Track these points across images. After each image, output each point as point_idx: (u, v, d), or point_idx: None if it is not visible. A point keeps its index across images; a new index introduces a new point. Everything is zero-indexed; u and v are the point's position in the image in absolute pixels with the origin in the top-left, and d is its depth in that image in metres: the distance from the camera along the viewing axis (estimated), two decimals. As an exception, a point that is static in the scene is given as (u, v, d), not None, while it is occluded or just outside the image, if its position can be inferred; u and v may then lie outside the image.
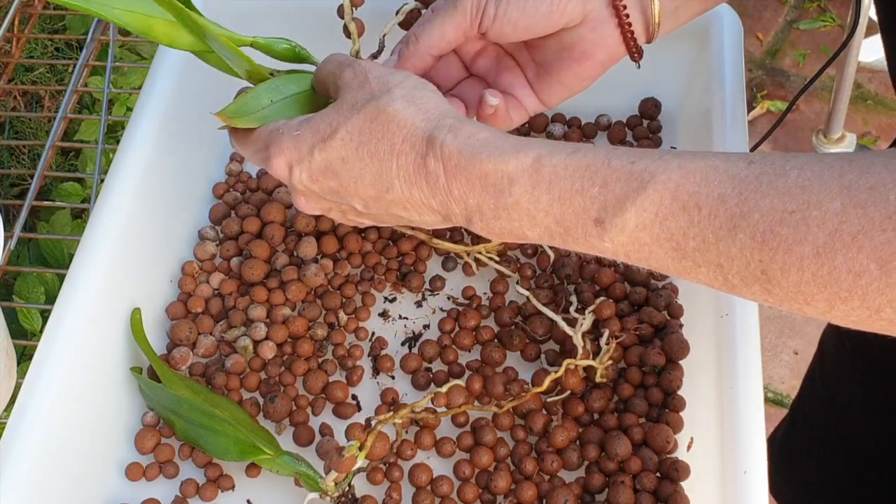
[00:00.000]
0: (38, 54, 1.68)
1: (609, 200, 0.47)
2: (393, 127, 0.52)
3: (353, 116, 0.53)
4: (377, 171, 0.53)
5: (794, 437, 0.99)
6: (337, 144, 0.53)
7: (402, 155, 0.52)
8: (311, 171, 0.55)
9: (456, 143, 0.50)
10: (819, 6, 2.08)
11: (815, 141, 1.79)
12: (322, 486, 0.65)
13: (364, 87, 0.54)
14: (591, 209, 0.47)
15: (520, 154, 0.49)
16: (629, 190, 0.46)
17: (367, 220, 0.58)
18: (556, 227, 0.49)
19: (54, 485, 0.64)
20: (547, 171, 0.49)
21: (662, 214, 0.46)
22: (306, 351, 0.74)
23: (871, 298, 0.41)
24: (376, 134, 0.52)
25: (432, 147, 0.51)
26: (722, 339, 0.65)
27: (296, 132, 0.55)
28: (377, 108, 0.53)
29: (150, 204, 0.75)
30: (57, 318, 0.67)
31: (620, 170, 0.47)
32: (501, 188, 0.49)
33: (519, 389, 0.69)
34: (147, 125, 0.76)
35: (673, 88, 0.84)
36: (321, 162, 0.54)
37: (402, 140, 0.52)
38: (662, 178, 0.46)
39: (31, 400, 0.64)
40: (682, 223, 0.45)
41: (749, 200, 0.44)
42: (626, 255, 0.48)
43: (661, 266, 0.47)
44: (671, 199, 0.45)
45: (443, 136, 0.51)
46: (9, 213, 1.35)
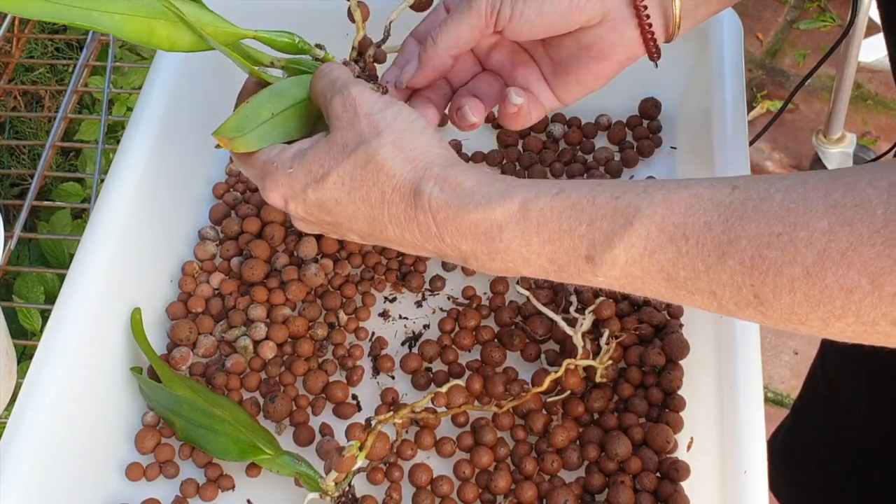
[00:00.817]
0: (38, 54, 1.68)
1: (597, 238, 0.48)
2: (382, 176, 0.53)
3: (344, 161, 0.54)
4: (370, 214, 0.54)
5: (795, 437, 0.99)
6: (329, 186, 0.54)
7: (392, 204, 0.53)
8: (306, 206, 0.56)
9: (443, 197, 0.51)
10: (819, 6, 2.08)
11: (815, 141, 1.79)
12: (322, 486, 0.65)
13: (354, 124, 0.55)
14: (580, 247, 0.48)
15: (506, 200, 0.50)
16: (616, 226, 0.47)
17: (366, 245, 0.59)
18: (549, 265, 0.50)
19: (54, 485, 0.64)
20: (534, 214, 0.49)
21: (651, 248, 0.46)
22: (306, 351, 0.74)
23: (865, 313, 0.41)
24: (367, 181, 0.53)
25: (420, 200, 0.52)
26: (722, 339, 0.65)
27: (289, 170, 0.56)
28: (367, 155, 0.53)
29: (150, 204, 0.75)
30: (57, 318, 0.67)
31: (605, 206, 0.48)
32: (492, 235, 0.50)
33: (519, 389, 0.69)
34: (147, 125, 0.76)
35: (673, 88, 0.84)
36: (315, 201, 0.55)
37: (391, 190, 0.53)
38: (648, 211, 0.46)
39: (31, 400, 0.64)
40: (671, 255, 0.46)
41: (735, 227, 0.44)
42: (622, 287, 0.49)
43: (656, 295, 0.48)
44: (658, 232, 0.46)
45: (429, 189, 0.52)
46: (9, 213, 1.35)
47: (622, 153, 0.83)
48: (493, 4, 0.58)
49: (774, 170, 1.87)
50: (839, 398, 0.89)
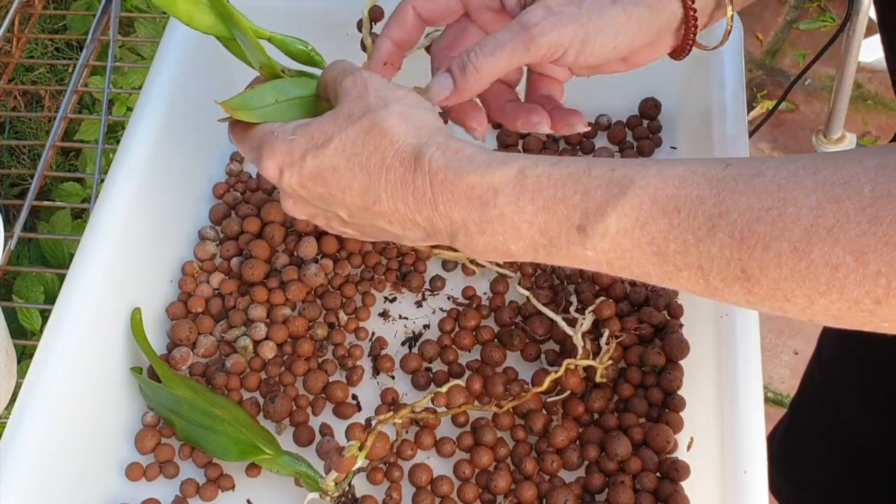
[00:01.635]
0: (38, 54, 1.68)
1: (591, 207, 0.48)
2: (385, 141, 0.53)
3: (349, 127, 0.54)
4: (366, 182, 0.53)
5: (793, 436, 0.99)
6: (329, 153, 0.54)
7: (391, 169, 0.53)
8: (302, 176, 0.55)
9: (444, 159, 0.51)
10: (819, 6, 2.08)
11: (815, 141, 1.79)
12: (322, 486, 0.65)
13: (363, 98, 0.55)
14: (573, 216, 0.48)
15: (504, 166, 0.50)
16: (610, 196, 0.47)
17: (351, 231, 0.58)
18: (540, 237, 0.50)
19: (54, 485, 0.64)
20: (530, 181, 0.49)
21: (643, 218, 0.47)
22: (306, 351, 0.74)
23: (849, 290, 0.42)
24: (369, 147, 0.53)
25: (420, 162, 0.52)
26: (722, 339, 0.65)
27: (290, 136, 0.56)
28: (372, 121, 0.53)
29: (150, 204, 0.75)
30: (57, 318, 0.67)
31: (601, 177, 0.48)
32: (486, 200, 0.50)
33: (519, 389, 0.69)
34: (147, 125, 0.76)
35: (673, 88, 0.84)
36: (312, 168, 0.55)
37: (392, 154, 0.52)
38: (641, 183, 0.47)
39: (31, 400, 0.64)
40: (663, 226, 0.46)
41: (726, 200, 0.45)
42: (609, 262, 0.48)
43: (643, 273, 0.48)
44: (651, 203, 0.46)
45: (431, 153, 0.52)
46: (9, 213, 1.35)
47: (622, 153, 0.84)
48: (558, 43, 0.56)
49: (774, 170, 1.86)
50: (836, 394, 0.89)
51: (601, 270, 0.49)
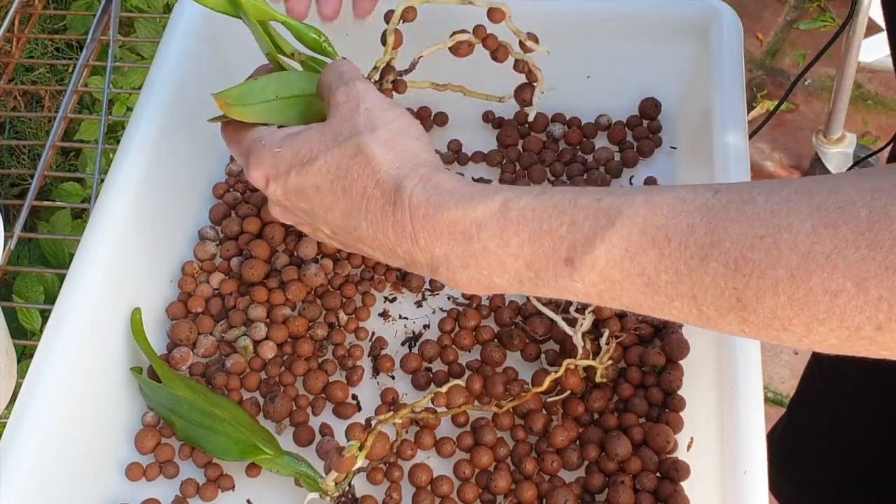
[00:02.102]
0: (38, 54, 1.68)
1: (578, 239, 0.47)
2: (368, 170, 0.52)
3: (334, 148, 0.54)
4: (348, 208, 0.53)
5: (792, 435, 0.99)
6: (314, 172, 0.54)
7: (371, 199, 0.52)
8: (286, 190, 0.55)
9: (424, 193, 0.51)
10: (819, 6, 2.08)
11: (815, 141, 1.79)
12: (322, 486, 0.65)
13: (352, 117, 0.55)
14: (560, 249, 0.47)
15: (487, 199, 0.49)
16: (597, 227, 0.46)
17: (336, 244, 0.58)
18: (525, 271, 0.49)
19: (54, 485, 0.64)
20: (514, 213, 0.49)
21: (632, 250, 0.46)
22: (306, 351, 0.74)
23: (849, 317, 0.41)
24: (352, 172, 0.53)
25: (401, 196, 0.51)
26: (722, 339, 0.65)
27: (276, 149, 0.56)
28: (357, 147, 0.53)
29: (150, 204, 0.75)
30: (57, 318, 0.67)
31: (587, 207, 0.47)
32: (469, 235, 0.49)
33: (519, 389, 0.69)
34: (147, 125, 0.76)
35: (673, 88, 0.84)
36: (296, 184, 0.55)
37: (374, 185, 0.52)
38: (629, 213, 0.46)
39: (31, 400, 0.64)
40: (653, 257, 0.45)
41: (718, 229, 0.44)
42: (599, 294, 0.47)
43: (633, 304, 0.47)
44: (640, 234, 0.45)
45: (412, 186, 0.51)
46: (9, 213, 1.35)
47: (622, 153, 0.83)
48: None
49: (774, 170, 1.87)
50: (835, 393, 0.89)
51: (590, 302, 0.48)
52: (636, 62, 0.83)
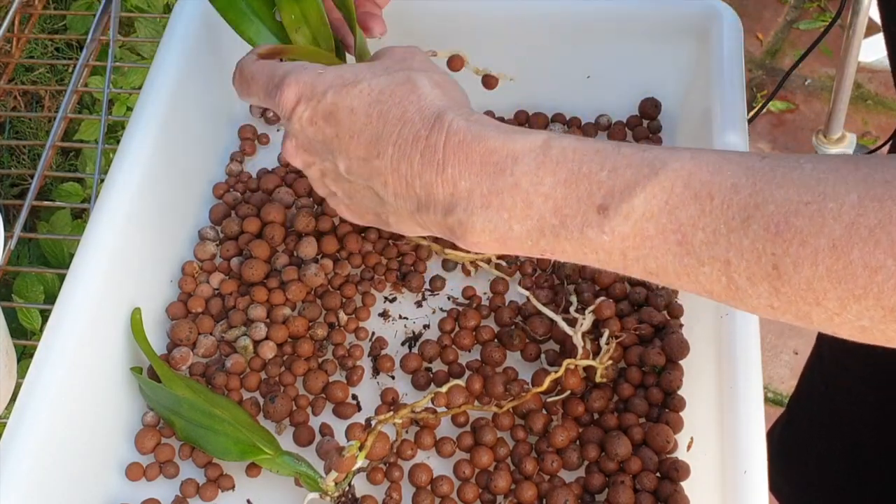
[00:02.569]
0: (38, 54, 1.68)
1: (617, 185, 0.45)
2: (413, 97, 0.51)
3: (382, 76, 0.53)
4: (378, 132, 0.51)
5: (791, 434, 0.99)
6: (354, 93, 0.52)
7: (407, 123, 0.51)
8: (315, 112, 0.53)
9: (465, 123, 0.50)
10: (819, 6, 2.08)
11: (815, 141, 1.79)
12: (322, 486, 0.65)
13: (405, 59, 0.54)
14: (596, 194, 0.46)
15: (529, 135, 0.48)
16: (639, 176, 0.45)
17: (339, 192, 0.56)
18: (551, 216, 0.47)
19: (54, 485, 0.64)
20: (555, 152, 0.47)
21: (673, 203, 0.44)
22: (306, 351, 0.74)
23: (886, 296, 0.40)
24: (395, 98, 0.52)
25: (440, 121, 0.50)
26: (722, 339, 0.65)
27: (320, 71, 0.54)
28: (407, 77, 0.52)
29: (150, 204, 0.75)
30: (57, 317, 0.67)
31: (631, 156, 0.46)
32: (503, 167, 0.48)
33: (519, 389, 0.69)
34: (147, 125, 0.76)
35: (673, 88, 0.84)
36: (330, 104, 0.53)
37: (415, 110, 0.51)
38: (675, 165, 0.45)
39: (31, 400, 0.64)
40: (693, 212, 0.44)
41: (764, 191, 0.42)
42: (623, 251, 0.46)
43: (658, 266, 0.45)
44: (683, 187, 0.44)
45: (454, 115, 0.50)
46: (9, 213, 1.35)
47: (622, 153, 0.83)
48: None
49: (774, 170, 1.86)
50: (836, 392, 0.89)
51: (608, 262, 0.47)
52: (636, 62, 0.83)
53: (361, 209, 0.56)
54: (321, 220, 0.78)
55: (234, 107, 0.88)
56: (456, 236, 0.50)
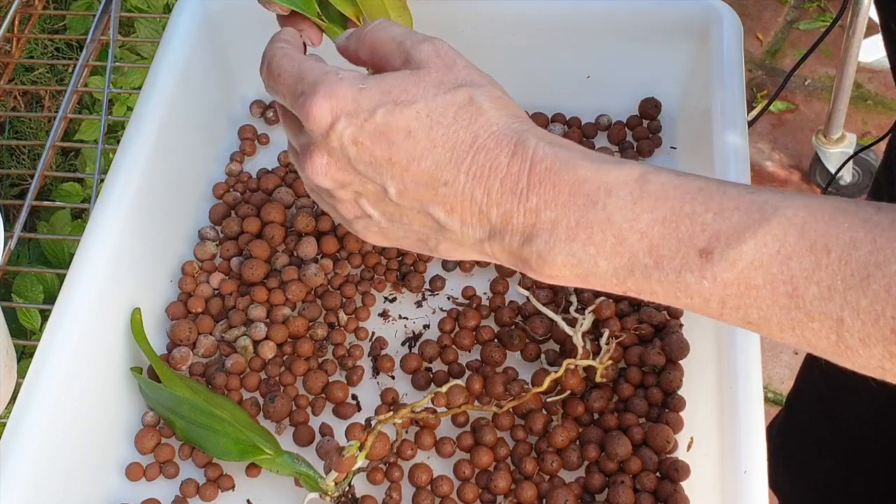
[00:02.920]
0: (38, 54, 1.68)
1: (724, 229, 0.42)
2: (481, 120, 0.47)
3: (440, 95, 0.48)
4: (445, 158, 0.47)
5: (790, 431, 0.99)
6: (410, 114, 0.47)
7: (482, 150, 0.47)
8: (362, 131, 0.48)
9: (552, 148, 0.46)
10: (819, 6, 2.08)
11: (815, 141, 1.79)
12: (322, 486, 0.65)
13: (451, 69, 0.49)
14: (699, 237, 0.42)
15: (623, 167, 0.45)
16: (749, 221, 0.42)
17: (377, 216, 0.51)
18: (645, 256, 0.44)
19: (54, 485, 0.64)
20: (654, 187, 0.44)
21: (786, 252, 0.41)
22: (306, 351, 0.74)
23: None
24: (460, 122, 0.47)
25: (523, 147, 0.46)
26: (722, 339, 0.65)
27: (361, 85, 0.48)
28: (468, 97, 0.48)
29: (150, 204, 0.75)
30: (57, 317, 0.67)
31: (739, 198, 0.43)
32: (594, 199, 0.44)
33: (519, 389, 0.69)
34: (147, 125, 0.76)
35: (673, 88, 0.84)
36: (381, 125, 0.48)
37: (487, 135, 0.47)
38: (788, 213, 0.41)
39: (31, 400, 0.64)
40: (808, 265, 0.41)
41: (885, 248, 0.39)
42: (723, 299, 0.43)
43: (761, 317, 0.42)
44: (797, 237, 0.41)
45: (536, 140, 0.46)
46: (9, 213, 1.35)
47: (622, 153, 0.83)
48: None
49: (774, 170, 1.87)
50: (835, 389, 0.89)
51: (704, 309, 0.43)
52: (636, 62, 0.83)
53: (399, 234, 0.51)
54: (321, 220, 0.78)
55: (234, 107, 0.88)
56: (530, 268, 0.47)
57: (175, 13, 0.83)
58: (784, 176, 1.86)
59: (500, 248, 0.47)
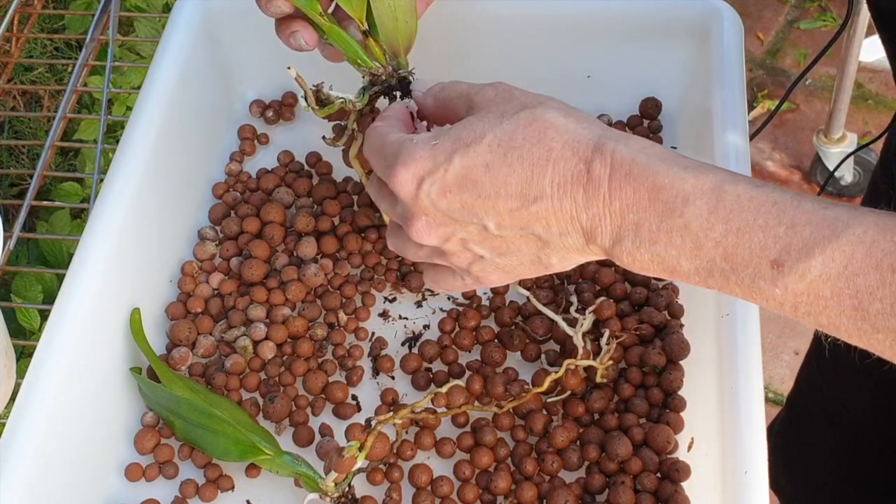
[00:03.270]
0: (37, 54, 1.68)
1: (794, 243, 0.44)
2: (552, 132, 0.49)
3: (504, 122, 0.50)
4: (527, 177, 0.49)
5: (791, 431, 0.99)
6: (482, 150, 0.49)
7: (559, 161, 0.48)
8: (445, 183, 0.50)
9: (629, 152, 0.48)
10: (819, 6, 2.08)
11: (815, 141, 1.79)
12: (322, 487, 0.65)
13: (511, 100, 0.51)
14: (771, 249, 0.44)
15: (700, 174, 0.47)
16: (819, 236, 0.44)
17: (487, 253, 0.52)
18: (721, 261, 0.46)
19: (54, 485, 0.64)
20: (729, 198, 0.46)
21: (852, 269, 0.43)
22: (306, 351, 0.73)
23: None
24: (531, 139, 0.49)
25: (601, 153, 0.48)
26: (722, 340, 0.65)
27: (433, 142, 0.51)
28: (532, 116, 0.49)
29: (149, 204, 0.75)
30: (56, 317, 0.67)
31: (811, 213, 0.44)
32: (673, 207, 0.46)
33: (519, 390, 0.69)
34: (146, 125, 0.76)
35: (673, 88, 0.84)
36: (460, 170, 0.50)
37: (561, 145, 0.48)
38: (858, 230, 0.43)
39: (31, 400, 0.64)
40: (872, 282, 0.43)
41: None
42: (794, 306, 0.45)
43: (830, 324, 0.45)
44: (864, 255, 0.43)
45: (614, 144, 0.48)
46: (8, 213, 1.35)
47: (622, 153, 0.83)
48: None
49: (775, 170, 1.87)
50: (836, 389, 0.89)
51: (778, 310, 0.45)
52: (636, 62, 0.83)
53: (514, 263, 0.53)
54: (321, 220, 0.78)
55: (234, 106, 0.88)
56: (623, 263, 0.49)
57: (174, 13, 0.83)
58: (785, 176, 1.86)
59: (597, 248, 0.50)
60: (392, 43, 0.62)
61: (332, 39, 0.62)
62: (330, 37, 0.62)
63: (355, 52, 0.62)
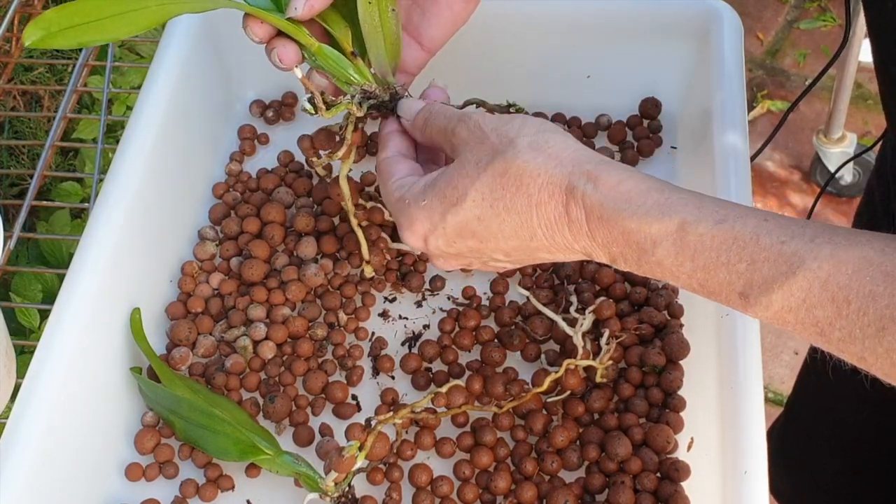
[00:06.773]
0: (37, 54, 1.68)
1: (755, 279, 0.47)
2: (526, 179, 0.52)
3: (481, 175, 0.53)
4: (518, 222, 0.53)
5: (790, 434, 0.99)
6: (469, 206, 0.53)
7: (540, 205, 0.52)
8: (447, 236, 0.55)
9: (597, 196, 0.51)
10: (819, 6, 2.08)
11: (815, 141, 1.79)
12: (322, 487, 0.65)
13: (484, 142, 0.54)
14: (736, 283, 0.47)
15: (664, 218, 0.49)
16: (777, 273, 0.46)
17: (510, 265, 0.58)
18: (699, 288, 0.49)
19: (54, 485, 0.64)
20: (692, 239, 0.48)
21: (810, 302, 0.45)
22: (306, 351, 0.73)
23: None
24: (510, 189, 0.52)
25: (573, 197, 0.51)
26: (722, 339, 0.65)
27: (423, 202, 0.55)
28: (504, 164, 0.52)
29: (150, 204, 0.75)
30: (56, 317, 0.67)
31: (769, 249, 0.47)
32: (644, 248, 0.50)
33: (519, 390, 0.69)
34: (147, 125, 0.76)
35: (673, 88, 0.84)
36: (455, 225, 0.54)
37: (538, 190, 0.52)
38: (813, 265, 0.45)
39: (30, 400, 0.64)
40: (829, 313, 0.45)
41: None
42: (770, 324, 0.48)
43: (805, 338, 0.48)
44: (820, 289, 0.45)
45: (583, 187, 0.51)
46: (8, 212, 1.35)
47: (622, 153, 0.83)
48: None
49: (775, 170, 1.87)
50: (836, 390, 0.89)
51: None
52: (636, 62, 0.83)
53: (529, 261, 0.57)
54: (321, 219, 0.78)
55: (234, 106, 0.88)
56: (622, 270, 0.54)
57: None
58: (785, 176, 1.86)
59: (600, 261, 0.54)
60: (380, 63, 0.64)
61: (320, 60, 0.62)
62: (318, 58, 0.62)
63: (345, 72, 0.63)
